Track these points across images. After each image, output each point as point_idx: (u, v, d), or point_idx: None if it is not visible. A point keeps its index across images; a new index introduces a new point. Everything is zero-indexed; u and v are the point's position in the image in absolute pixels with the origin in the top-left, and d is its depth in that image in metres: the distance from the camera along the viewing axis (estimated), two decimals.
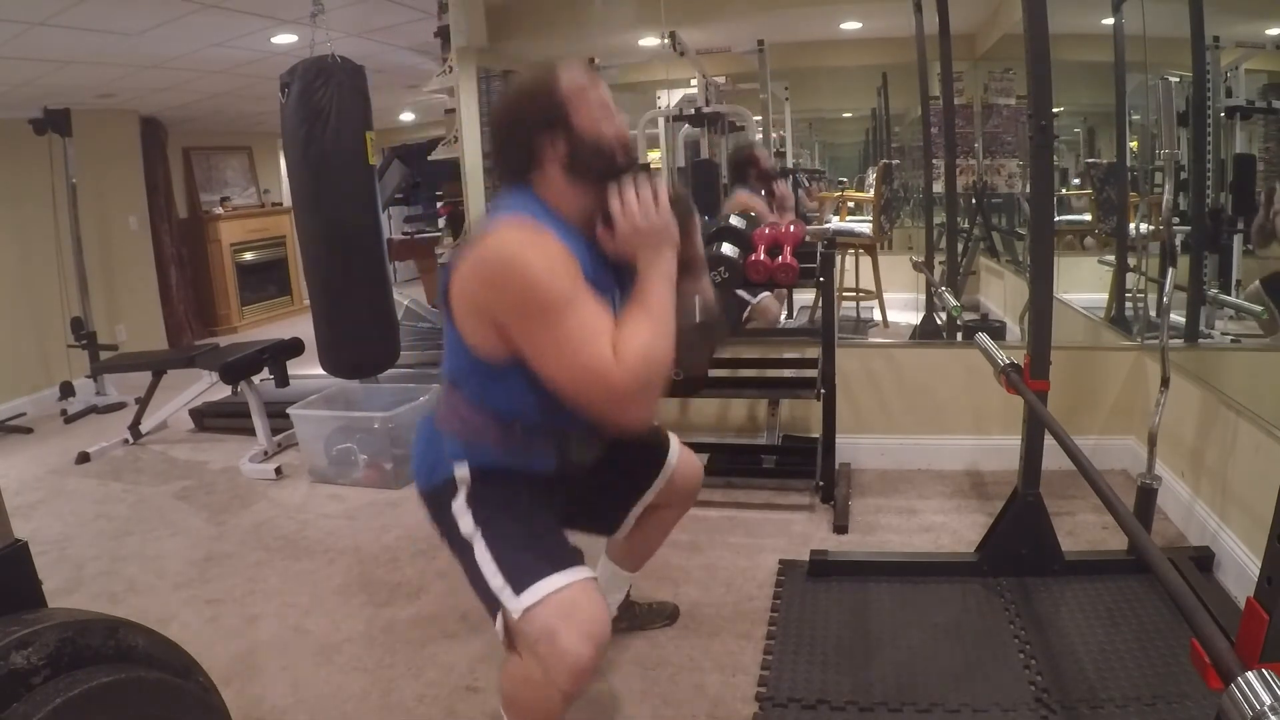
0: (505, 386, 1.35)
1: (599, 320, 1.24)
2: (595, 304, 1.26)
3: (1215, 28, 2.66)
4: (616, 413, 1.25)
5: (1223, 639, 0.92)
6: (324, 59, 2.87)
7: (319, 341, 3.22)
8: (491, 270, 1.25)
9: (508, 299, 1.25)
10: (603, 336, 1.22)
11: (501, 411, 1.39)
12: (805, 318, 3.84)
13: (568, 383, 1.25)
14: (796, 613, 2.10)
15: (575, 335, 1.21)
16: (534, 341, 1.25)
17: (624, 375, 1.21)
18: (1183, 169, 2.71)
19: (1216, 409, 2.28)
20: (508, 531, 1.37)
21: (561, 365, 1.24)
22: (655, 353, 1.24)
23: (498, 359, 1.32)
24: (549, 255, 1.24)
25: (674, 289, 1.32)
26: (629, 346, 1.22)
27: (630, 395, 1.22)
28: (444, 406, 1.45)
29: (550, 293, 1.21)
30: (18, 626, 1.10)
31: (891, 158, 4.24)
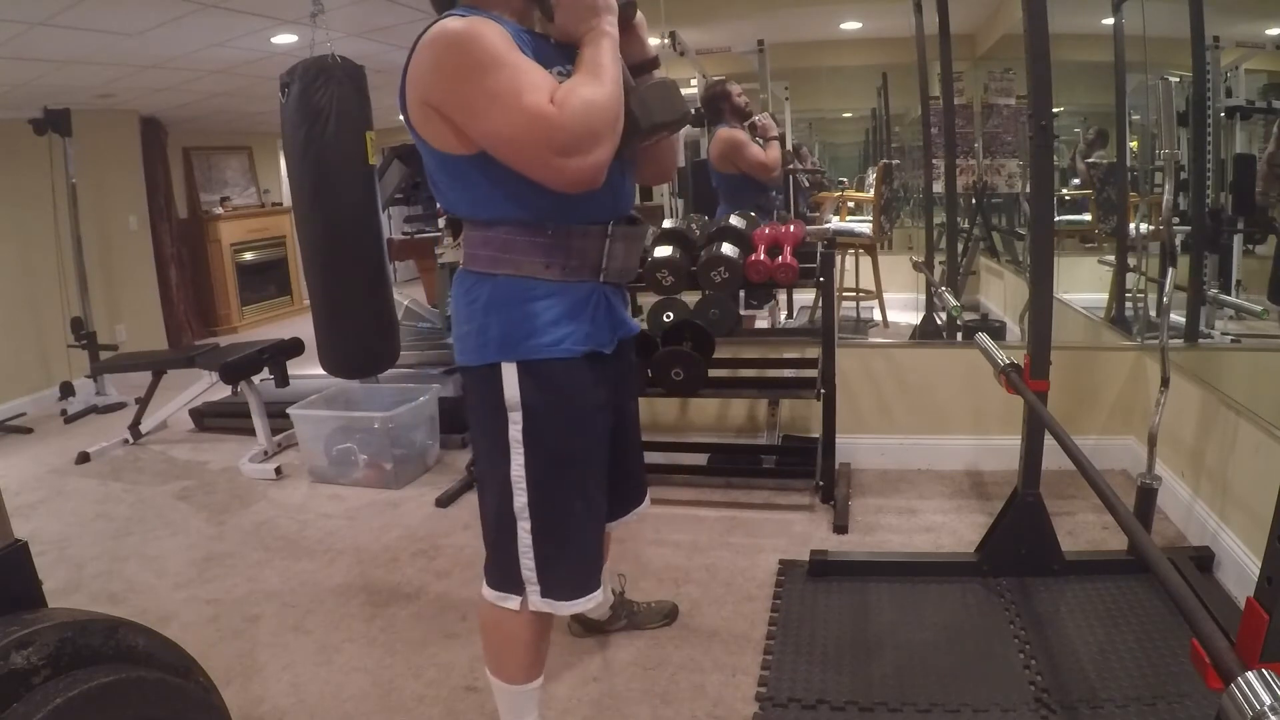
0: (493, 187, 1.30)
1: (537, 77, 1.21)
2: (534, 65, 1.23)
3: (1215, 28, 2.66)
4: (561, 162, 1.19)
5: (1223, 639, 0.92)
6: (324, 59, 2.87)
7: (319, 341, 3.22)
8: (428, 49, 1.24)
9: (445, 68, 1.22)
10: (539, 88, 1.19)
11: (512, 217, 1.33)
12: (805, 318, 3.84)
13: (508, 135, 1.20)
14: (796, 613, 2.10)
15: (510, 87, 1.18)
16: (471, 104, 1.21)
17: (564, 118, 1.17)
18: (1183, 169, 2.72)
19: (1216, 409, 2.28)
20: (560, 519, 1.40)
21: (497, 118, 1.19)
22: (597, 99, 1.20)
23: (466, 152, 1.28)
24: (485, 26, 1.22)
25: (616, 51, 1.29)
26: (569, 96, 1.19)
27: (571, 139, 1.18)
28: (466, 246, 1.39)
29: (483, 50, 1.19)
30: (18, 626, 1.10)
31: (891, 158, 4.24)
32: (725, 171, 3.38)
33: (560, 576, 1.43)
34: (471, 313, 1.37)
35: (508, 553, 1.41)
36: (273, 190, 7.24)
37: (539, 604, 1.43)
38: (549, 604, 1.43)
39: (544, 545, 1.40)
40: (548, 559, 1.41)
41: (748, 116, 3.31)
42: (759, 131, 3.31)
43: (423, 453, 3.30)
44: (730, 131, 3.28)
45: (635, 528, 2.61)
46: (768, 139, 3.30)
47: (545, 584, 1.42)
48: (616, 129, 1.25)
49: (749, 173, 3.31)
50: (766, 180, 3.39)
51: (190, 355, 3.75)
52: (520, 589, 1.43)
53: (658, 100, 1.33)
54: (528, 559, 1.41)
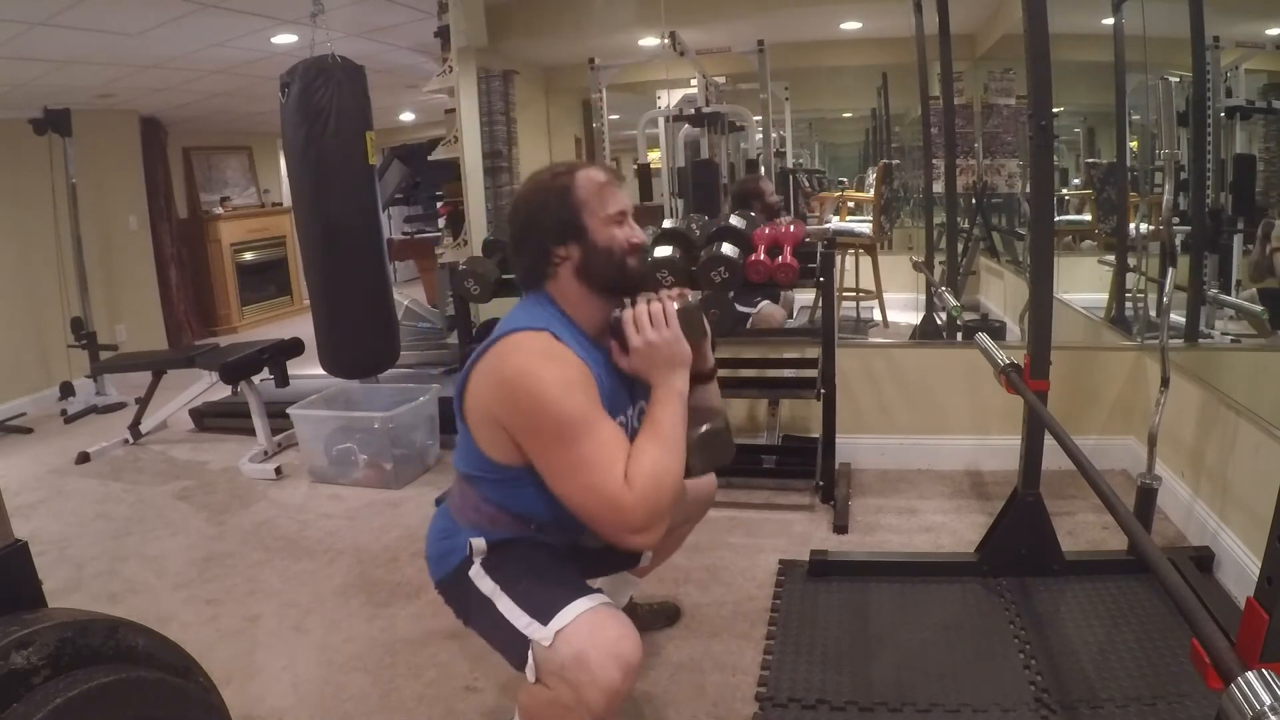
0: (518, 490, 1.36)
1: (613, 444, 1.25)
2: (610, 426, 1.27)
3: (1215, 28, 2.66)
4: (626, 538, 1.25)
5: (1223, 639, 0.92)
6: (324, 59, 2.87)
7: (319, 341, 3.23)
8: (508, 386, 1.26)
9: (523, 417, 1.26)
10: (616, 462, 1.23)
11: (517, 512, 1.40)
12: (805, 318, 3.84)
13: (579, 505, 1.26)
14: (796, 613, 2.10)
15: (589, 460, 1.22)
16: (547, 460, 1.26)
17: (635, 502, 1.21)
18: (1183, 169, 2.72)
19: (1216, 409, 2.28)
20: (528, 578, 1.38)
21: (574, 487, 1.25)
22: (666, 478, 1.25)
23: (511, 464, 1.33)
24: (565, 374, 1.25)
25: (685, 407, 1.33)
26: (640, 473, 1.23)
27: (641, 522, 1.23)
28: (458, 498, 1.46)
29: (565, 414, 1.22)
30: (18, 626, 1.10)
31: (891, 158, 4.24)
32: None
33: (540, 597, 1.34)
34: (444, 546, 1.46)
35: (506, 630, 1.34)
36: (273, 190, 7.24)
37: (543, 636, 1.27)
38: (548, 629, 1.27)
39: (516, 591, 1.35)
40: (525, 598, 1.34)
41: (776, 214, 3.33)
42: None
43: (423, 453, 3.30)
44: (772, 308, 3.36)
45: None
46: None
47: (534, 614, 1.31)
48: (679, 501, 1.30)
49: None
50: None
51: (190, 355, 3.75)
52: (526, 644, 1.29)
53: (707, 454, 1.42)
54: (515, 616, 1.32)
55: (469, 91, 3.45)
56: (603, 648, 1.22)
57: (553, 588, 1.34)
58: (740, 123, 3.97)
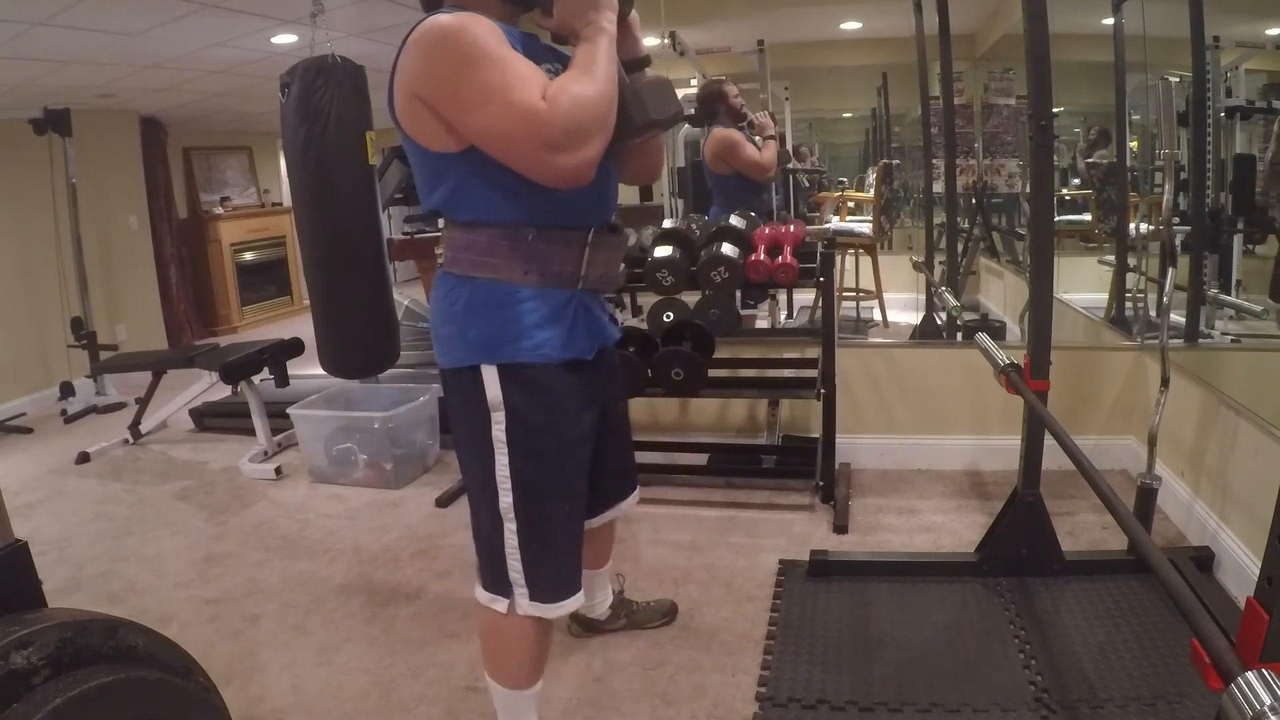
0: (479, 185, 1.30)
1: (527, 72, 1.20)
2: (524, 61, 1.22)
3: (1215, 28, 2.66)
4: (551, 157, 1.19)
5: (1223, 639, 0.92)
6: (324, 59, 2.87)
7: (319, 341, 3.22)
8: (419, 44, 1.23)
9: (435, 63, 1.21)
10: (531, 83, 1.18)
11: (496, 219, 1.33)
12: (805, 318, 3.84)
13: (499, 130, 1.20)
14: (796, 613, 2.10)
15: (500, 83, 1.18)
16: (462, 99, 1.20)
17: (554, 114, 1.16)
18: (1183, 169, 2.72)
19: (1216, 409, 2.28)
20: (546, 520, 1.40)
21: (489, 113, 1.19)
22: (589, 96, 1.19)
23: (453, 150, 1.27)
24: (475, 22, 1.21)
25: (612, 48, 1.28)
26: (560, 92, 1.18)
27: (562, 135, 1.17)
28: (448, 249, 1.39)
29: (475, 46, 1.18)
30: (18, 626, 1.10)
31: (891, 158, 4.24)
32: (720, 172, 3.36)
33: (547, 578, 1.42)
34: (451, 315, 1.38)
35: (497, 553, 1.42)
36: (273, 190, 7.24)
37: (528, 608, 1.43)
38: (537, 607, 1.43)
39: (530, 546, 1.40)
40: (534, 561, 1.41)
41: (743, 118, 3.29)
42: (756, 130, 3.29)
43: (423, 453, 3.30)
44: (725, 131, 3.27)
45: (635, 528, 2.61)
46: (764, 138, 3.28)
47: (533, 587, 1.42)
48: (607, 126, 1.24)
49: (744, 173, 3.30)
50: (762, 181, 3.37)
51: (190, 355, 3.75)
52: (509, 591, 1.43)
53: (653, 98, 1.33)
54: (515, 560, 1.41)
55: None
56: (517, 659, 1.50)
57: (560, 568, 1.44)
58: None
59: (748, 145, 3.26)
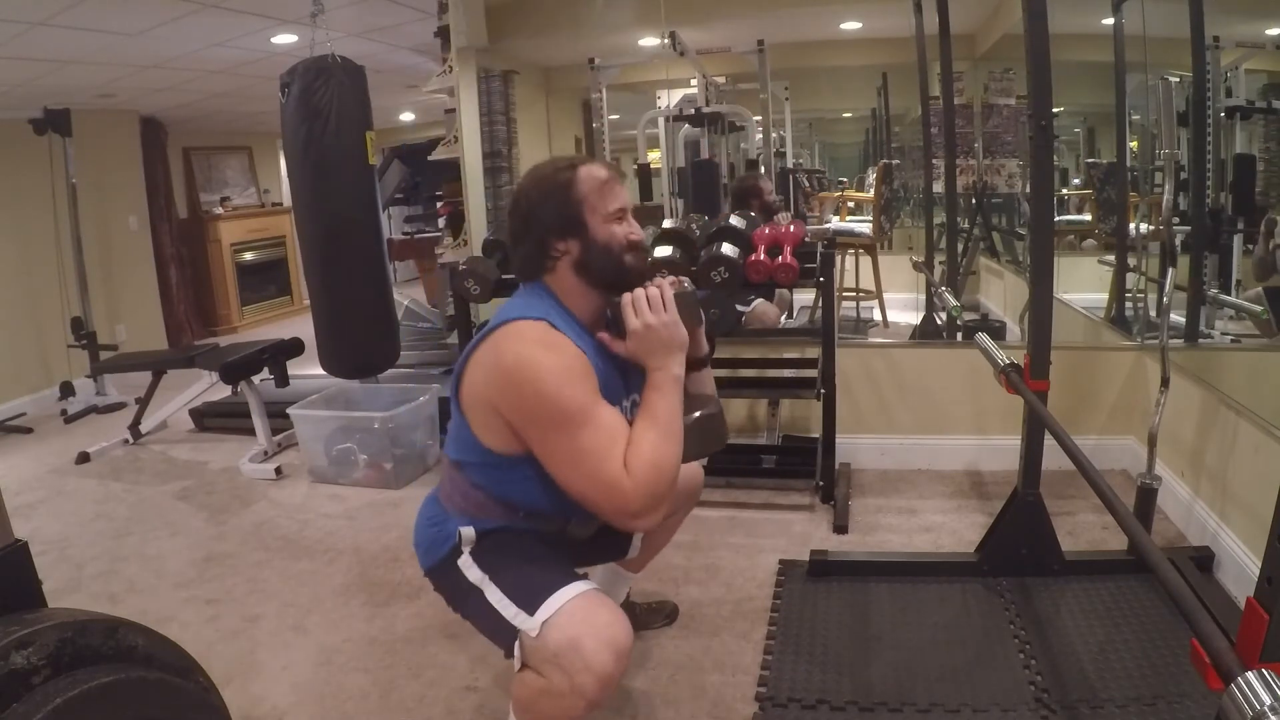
0: (512, 477, 1.38)
1: (612, 432, 1.27)
2: (609, 413, 1.28)
3: (1215, 28, 2.66)
4: (627, 522, 1.28)
5: (1223, 639, 0.92)
6: (324, 59, 2.87)
7: (319, 341, 3.22)
8: (507, 376, 1.27)
9: (522, 406, 1.27)
10: (616, 450, 1.25)
11: (507, 499, 1.41)
12: (805, 318, 3.84)
13: (580, 492, 1.28)
14: (796, 613, 2.10)
15: (589, 448, 1.24)
16: (547, 449, 1.28)
17: (635, 488, 1.24)
18: (1183, 169, 2.71)
19: (1216, 409, 2.28)
20: (515, 566, 1.39)
21: (575, 476, 1.27)
22: (664, 463, 1.27)
23: (507, 452, 1.34)
24: (564, 363, 1.26)
25: (681, 393, 1.34)
26: (640, 458, 1.25)
27: (642, 507, 1.25)
28: (448, 485, 1.47)
29: (565, 403, 1.24)
30: (18, 626, 1.10)
31: (891, 158, 4.24)
32: None
33: (524, 588, 1.33)
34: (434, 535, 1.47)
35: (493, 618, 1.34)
36: (273, 190, 7.24)
37: (530, 626, 1.26)
38: (542, 613, 1.27)
39: (504, 581, 1.35)
40: (511, 587, 1.34)
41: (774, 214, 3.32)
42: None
43: (423, 453, 3.30)
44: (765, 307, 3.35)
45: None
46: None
47: (519, 605, 1.30)
48: (677, 483, 1.31)
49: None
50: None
51: (190, 355, 3.75)
52: (515, 633, 1.29)
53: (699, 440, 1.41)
54: (503, 606, 1.32)
55: (469, 91, 3.44)
56: (594, 633, 1.22)
57: (539, 576, 1.34)
58: (740, 123, 3.97)
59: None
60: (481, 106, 3.58)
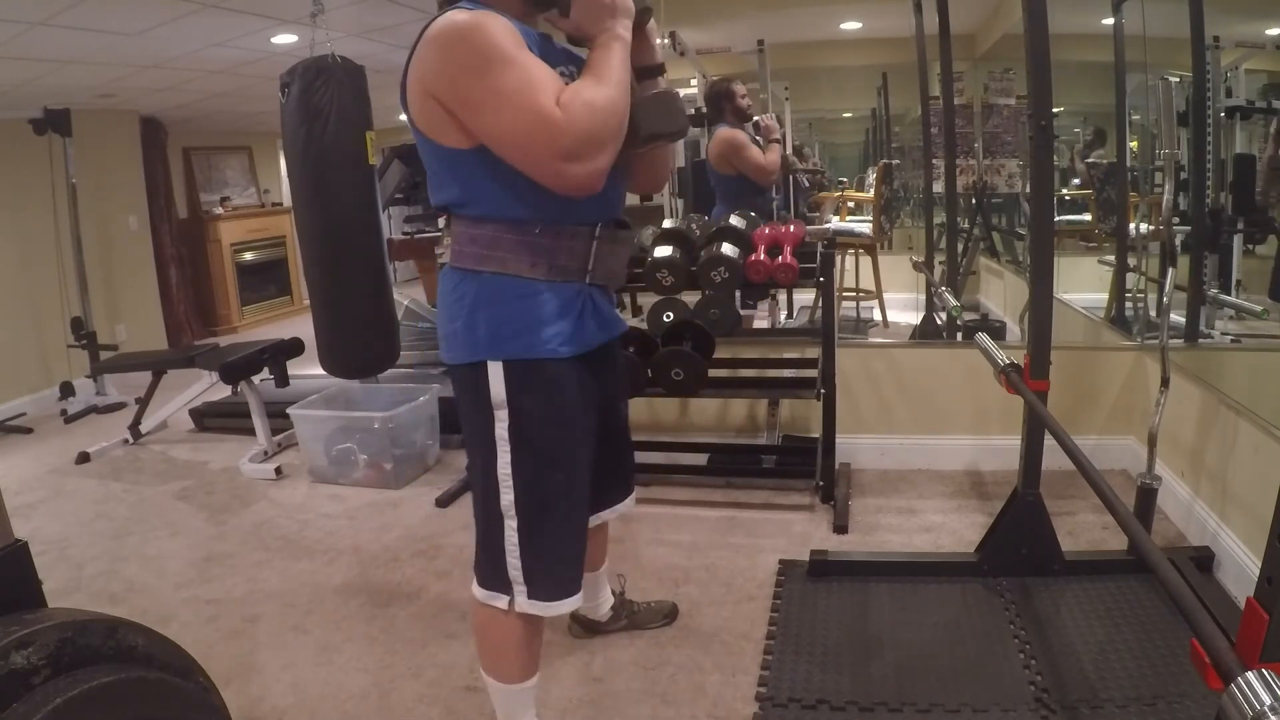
0: (488, 182, 1.30)
1: (543, 77, 1.21)
2: (541, 65, 1.23)
3: (1215, 28, 2.66)
4: (563, 166, 1.20)
5: (1223, 639, 0.92)
6: (324, 59, 2.86)
7: (319, 341, 3.22)
8: (435, 42, 1.23)
9: (452, 62, 1.21)
10: (546, 89, 1.19)
11: (502, 214, 1.33)
12: (805, 318, 3.85)
13: (512, 135, 1.20)
14: (796, 613, 2.10)
15: (516, 87, 1.18)
16: (478, 103, 1.21)
17: (568, 122, 1.17)
18: (1183, 169, 2.72)
19: (1216, 409, 2.28)
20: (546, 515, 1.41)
21: (504, 117, 1.19)
22: (602, 105, 1.20)
23: (464, 146, 1.28)
24: (493, 21, 1.22)
25: (626, 55, 1.29)
26: (574, 99, 1.19)
27: (576, 144, 1.18)
28: (454, 243, 1.38)
29: (492, 47, 1.19)
30: (18, 626, 1.10)
31: (891, 158, 4.24)
32: (723, 172, 3.37)
33: (546, 577, 1.43)
34: (457, 310, 1.37)
35: (496, 550, 1.42)
36: (273, 190, 7.24)
37: (526, 606, 1.44)
38: (536, 605, 1.44)
39: (530, 544, 1.41)
40: (534, 559, 1.41)
41: (749, 118, 3.30)
42: (761, 132, 3.30)
43: (423, 453, 3.30)
44: (731, 132, 3.27)
45: (635, 527, 2.61)
46: (769, 140, 3.29)
47: (532, 585, 1.43)
48: (619, 135, 1.25)
49: (748, 175, 3.30)
50: (764, 183, 3.38)
51: (190, 355, 3.75)
52: (508, 589, 1.44)
53: (658, 111, 1.34)
54: (514, 558, 1.41)
55: None
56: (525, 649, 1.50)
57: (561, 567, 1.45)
58: None
59: (753, 147, 3.27)
60: None
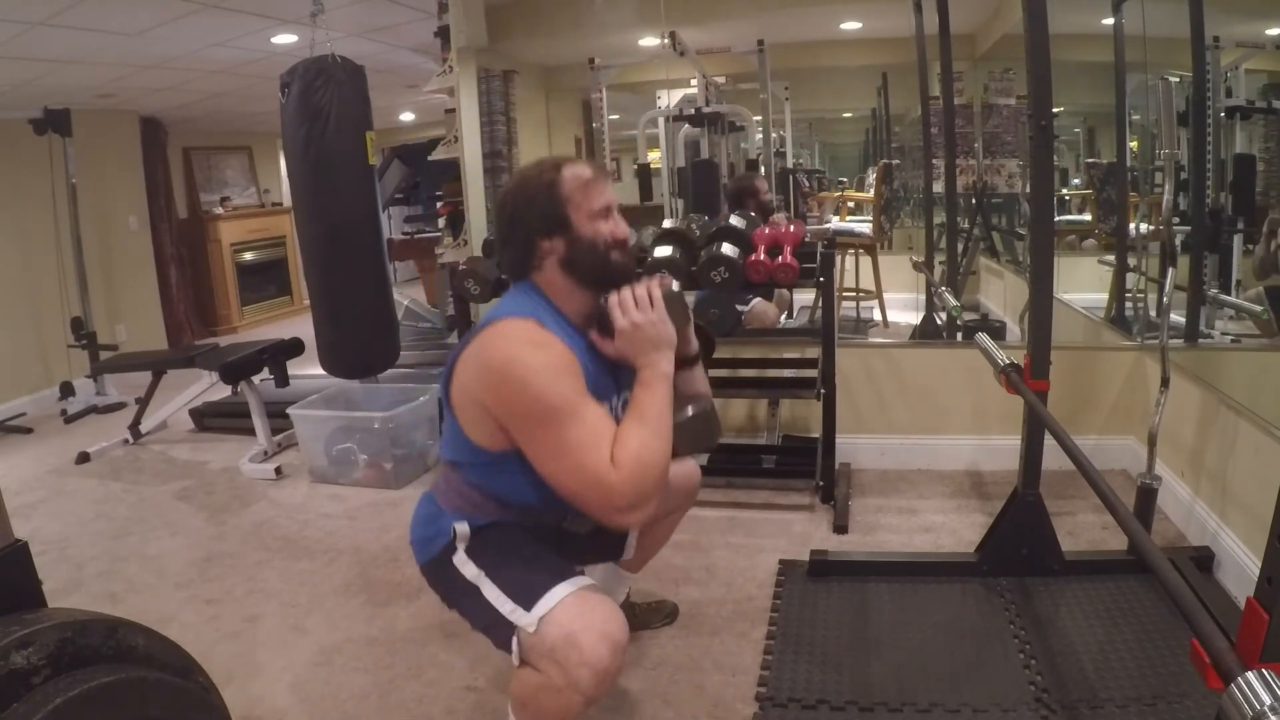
0: (504, 474, 1.39)
1: (599, 427, 1.26)
2: (595, 410, 1.28)
3: (1215, 28, 2.66)
4: (614, 518, 1.27)
5: (1223, 639, 0.92)
6: (324, 59, 2.87)
7: (319, 341, 3.22)
8: (495, 374, 1.28)
9: (510, 403, 1.28)
10: (603, 444, 1.25)
11: (500, 496, 1.43)
12: (805, 318, 3.84)
13: (566, 486, 1.28)
14: (796, 613, 2.10)
15: (575, 443, 1.24)
16: (534, 445, 1.28)
17: (621, 483, 1.23)
18: (1183, 169, 2.71)
19: (1216, 409, 2.28)
20: (511, 564, 1.40)
21: (561, 470, 1.27)
22: (652, 457, 1.26)
23: (497, 449, 1.35)
24: (551, 359, 1.27)
25: (670, 389, 1.34)
26: (627, 453, 1.24)
27: (628, 502, 1.24)
28: (443, 484, 1.48)
29: (552, 399, 1.24)
30: (18, 626, 1.10)
31: (891, 158, 4.24)
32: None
33: (522, 584, 1.35)
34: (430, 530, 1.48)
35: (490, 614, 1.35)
36: (273, 190, 7.24)
37: (527, 622, 1.28)
38: (532, 615, 1.28)
39: (501, 578, 1.36)
40: (508, 584, 1.35)
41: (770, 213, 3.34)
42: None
43: (423, 453, 3.30)
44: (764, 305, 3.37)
45: None
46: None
47: (516, 601, 1.32)
48: (665, 481, 1.30)
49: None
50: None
51: (190, 355, 3.75)
52: (511, 628, 1.31)
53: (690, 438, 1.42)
54: (499, 602, 1.34)
55: (469, 91, 3.44)
56: (591, 628, 1.24)
57: (536, 573, 1.35)
58: (740, 123, 3.97)
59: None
60: (481, 106, 3.58)
